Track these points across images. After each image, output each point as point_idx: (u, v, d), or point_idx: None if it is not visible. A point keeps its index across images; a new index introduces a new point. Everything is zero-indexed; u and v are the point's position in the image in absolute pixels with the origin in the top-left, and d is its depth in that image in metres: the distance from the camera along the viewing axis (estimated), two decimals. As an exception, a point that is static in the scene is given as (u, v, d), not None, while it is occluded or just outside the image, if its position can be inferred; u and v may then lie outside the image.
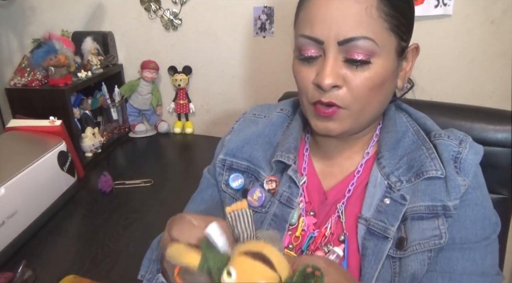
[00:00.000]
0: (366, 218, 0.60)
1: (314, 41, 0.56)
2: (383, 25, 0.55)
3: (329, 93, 0.57)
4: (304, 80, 0.59)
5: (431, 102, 1.00)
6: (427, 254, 0.57)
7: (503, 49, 1.27)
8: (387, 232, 0.58)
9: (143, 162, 1.45)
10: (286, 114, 0.74)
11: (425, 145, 0.63)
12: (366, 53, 0.55)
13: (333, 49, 0.55)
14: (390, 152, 0.64)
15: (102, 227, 1.06)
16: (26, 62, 1.38)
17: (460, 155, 0.60)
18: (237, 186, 0.70)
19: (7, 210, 0.91)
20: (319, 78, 0.56)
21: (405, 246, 0.57)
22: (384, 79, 0.57)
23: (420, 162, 0.61)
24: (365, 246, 0.59)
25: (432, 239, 0.57)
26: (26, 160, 1.01)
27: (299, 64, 0.59)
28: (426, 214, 0.58)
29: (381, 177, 0.62)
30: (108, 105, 1.54)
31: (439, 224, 0.57)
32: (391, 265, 0.58)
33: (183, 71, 1.56)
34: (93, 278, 0.84)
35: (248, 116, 0.76)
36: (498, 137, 0.82)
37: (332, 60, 0.55)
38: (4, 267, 0.89)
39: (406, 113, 0.70)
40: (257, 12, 1.41)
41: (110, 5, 1.54)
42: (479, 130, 0.83)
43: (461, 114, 0.87)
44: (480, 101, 0.93)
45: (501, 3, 1.22)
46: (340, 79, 0.56)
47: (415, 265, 0.57)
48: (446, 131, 0.65)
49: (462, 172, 0.59)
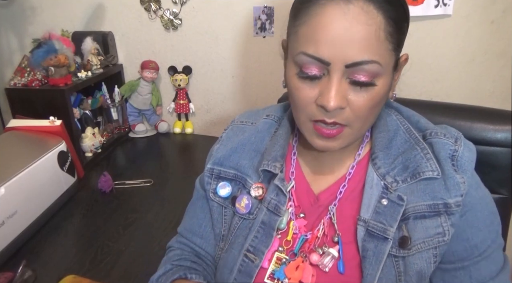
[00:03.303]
0: (365, 220, 0.60)
1: (319, 61, 0.53)
2: (387, 46, 0.54)
3: (332, 113, 0.55)
4: (305, 98, 0.57)
5: (431, 102, 1.00)
6: (432, 251, 0.58)
7: (503, 49, 1.27)
8: (386, 233, 0.59)
9: (143, 162, 1.45)
10: (272, 120, 0.74)
11: (419, 144, 0.63)
12: (371, 75, 0.54)
13: (339, 71, 0.53)
14: (384, 152, 0.64)
15: (102, 227, 1.06)
16: (26, 62, 1.38)
17: (456, 153, 0.61)
18: (225, 194, 0.70)
19: (7, 210, 0.91)
20: (325, 100, 0.54)
21: (409, 245, 0.58)
22: (383, 96, 0.57)
23: (416, 163, 0.61)
24: (365, 247, 0.60)
25: (435, 237, 0.58)
26: (26, 160, 1.01)
27: (299, 81, 0.57)
28: (428, 213, 0.59)
29: (377, 177, 0.63)
30: (108, 105, 1.54)
31: (441, 221, 0.58)
32: (394, 264, 0.59)
33: (183, 71, 1.56)
34: (93, 278, 0.84)
35: (236, 124, 0.77)
36: (497, 137, 0.82)
37: (337, 81, 0.54)
38: (4, 267, 0.89)
39: (396, 111, 0.69)
40: (257, 12, 1.41)
41: (110, 5, 1.54)
42: (479, 130, 0.83)
43: (461, 114, 0.87)
44: (479, 101, 0.93)
45: (501, 3, 1.22)
46: (345, 101, 0.55)
47: (421, 263, 0.58)
48: (441, 129, 0.65)
49: (460, 169, 0.60)
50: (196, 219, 0.75)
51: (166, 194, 1.22)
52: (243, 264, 0.64)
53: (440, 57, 1.32)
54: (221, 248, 0.71)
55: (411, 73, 1.35)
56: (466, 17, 1.26)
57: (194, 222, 0.75)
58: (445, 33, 1.29)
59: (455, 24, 1.27)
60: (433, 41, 1.30)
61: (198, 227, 0.75)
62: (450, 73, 1.34)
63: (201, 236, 0.74)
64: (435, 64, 1.33)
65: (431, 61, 1.33)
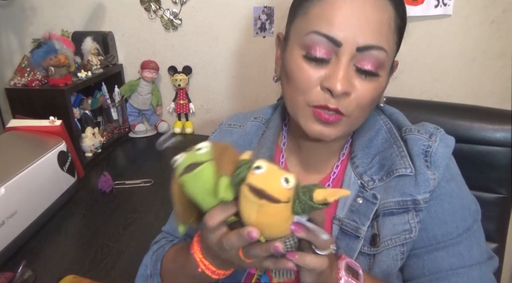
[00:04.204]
0: (339, 218, 0.61)
1: (331, 41, 0.52)
2: (394, 38, 0.54)
3: (337, 99, 0.54)
4: (308, 80, 0.55)
5: (431, 102, 1.00)
6: (399, 249, 0.58)
7: (503, 49, 1.27)
8: (358, 231, 0.59)
9: (143, 162, 1.45)
10: (260, 122, 0.74)
11: (396, 143, 0.63)
12: (377, 64, 0.53)
13: (349, 54, 0.52)
14: (363, 151, 0.64)
15: (102, 227, 1.06)
16: (26, 62, 1.38)
17: (430, 149, 0.61)
18: None
19: (7, 210, 0.91)
20: (332, 83, 0.53)
21: (378, 242, 0.58)
22: (382, 92, 0.57)
23: (391, 160, 0.61)
24: (337, 245, 0.60)
25: (402, 233, 0.58)
26: (26, 160, 1.01)
27: (304, 62, 0.55)
28: (396, 210, 0.59)
29: (354, 176, 0.63)
30: (108, 105, 1.54)
31: (409, 218, 0.58)
32: (367, 262, 0.59)
33: (183, 71, 1.56)
34: (93, 278, 0.84)
35: (224, 127, 0.77)
36: (497, 137, 0.82)
37: (346, 65, 0.53)
38: (4, 267, 0.89)
39: (380, 110, 0.70)
40: (257, 12, 1.41)
41: (110, 5, 1.54)
42: (478, 130, 0.83)
43: (460, 114, 0.87)
44: (480, 101, 0.93)
45: (501, 3, 1.22)
46: (351, 86, 0.54)
47: (388, 261, 0.58)
48: (417, 126, 0.65)
49: (433, 165, 0.60)
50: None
51: (166, 194, 1.21)
52: None
53: (440, 57, 1.32)
54: None
55: (411, 73, 1.36)
56: (466, 17, 1.26)
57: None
58: (445, 33, 1.29)
59: (455, 24, 1.27)
60: (433, 41, 1.30)
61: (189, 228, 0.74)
62: (450, 73, 1.33)
63: (192, 237, 0.74)
64: (435, 64, 1.33)
65: (431, 61, 1.33)
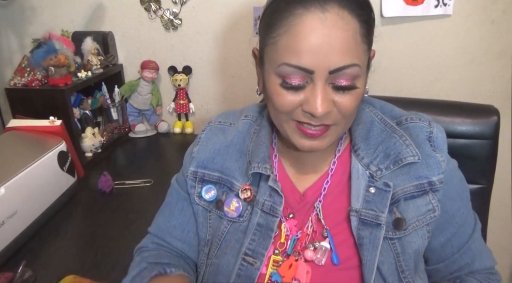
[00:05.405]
0: (356, 210, 0.63)
1: (302, 70, 0.54)
2: (364, 48, 0.56)
3: (320, 118, 0.56)
4: (288, 105, 0.57)
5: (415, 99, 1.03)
6: (426, 228, 0.63)
7: (502, 49, 1.27)
8: (378, 219, 0.61)
9: (143, 162, 1.45)
10: (251, 120, 0.74)
11: (396, 132, 0.66)
12: (352, 78, 0.55)
13: (323, 78, 0.54)
14: (365, 143, 0.66)
15: (102, 227, 1.06)
16: (26, 62, 1.38)
17: (432, 134, 0.65)
18: (210, 197, 0.70)
19: (7, 210, 0.91)
20: (312, 107, 0.55)
21: (405, 225, 0.62)
22: (363, 93, 0.59)
23: (396, 150, 0.64)
24: (360, 235, 0.62)
25: (427, 213, 0.63)
26: (26, 160, 1.01)
27: (282, 89, 0.57)
28: (417, 193, 0.63)
29: (361, 168, 0.65)
30: (108, 105, 1.54)
31: (430, 199, 0.63)
32: (391, 247, 0.62)
33: (183, 71, 1.56)
34: (93, 278, 0.84)
35: (214, 125, 0.76)
36: (477, 130, 0.88)
37: (322, 88, 0.54)
38: (4, 267, 0.89)
39: (367, 103, 0.71)
40: (257, 12, 1.41)
41: (110, 5, 1.54)
42: (459, 124, 0.89)
43: (441, 109, 0.92)
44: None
45: (501, 3, 1.22)
46: (331, 105, 0.56)
47: (418, 241, 0.63)
48: (415, 114, 0.69)
49: (437, 148, 0.65)
50: (177, 222, 0.74)
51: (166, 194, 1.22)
52: (242, 268, 0.64)
53: (440, 57, 1.32)
54: (205, 253, 0.70)
55: (411, 73, 1.36)
56: (466, 17, 1.26)
57: (174, 225, 0.74)
58: (445, 33, 1.29)
59: (455, 24, 1.27)
60: (433, 41, 1.30)
61: (180, 232, 0.74)
62: (450, 73, 1.34)
63: (184, 241, 0.73)
64: (435, 64, 1.33)
65: (431, 61, 1.33)
